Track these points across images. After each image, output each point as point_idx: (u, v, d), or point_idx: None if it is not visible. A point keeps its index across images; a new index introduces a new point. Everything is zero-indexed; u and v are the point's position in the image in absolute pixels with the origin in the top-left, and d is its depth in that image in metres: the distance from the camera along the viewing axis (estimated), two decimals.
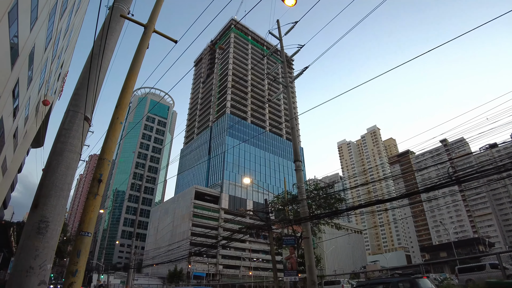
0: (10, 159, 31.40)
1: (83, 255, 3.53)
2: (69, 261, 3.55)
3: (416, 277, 10.62)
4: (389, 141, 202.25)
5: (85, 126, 4.79)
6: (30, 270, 3.90)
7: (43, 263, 3.99)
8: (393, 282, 10.59)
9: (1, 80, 17.91)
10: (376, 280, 12.70)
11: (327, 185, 25.59)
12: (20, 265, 3.92)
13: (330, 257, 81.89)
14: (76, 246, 3.53)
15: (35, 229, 4.09)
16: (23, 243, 4.08)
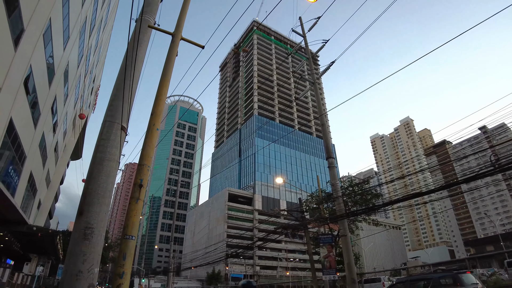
0: (53, 171, 33.30)
1: (128, 257, 3.71)
2: (116, 264, 3.75)
3: (459, 272, 10.08)
4: (424, 132, 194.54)
5: (122, 135, 5.00)
6: (79, 274, 4.11)
7: (91, 267, 4.21)
8: (434, 278, 10.09)
9: (41, 99, 19.07)
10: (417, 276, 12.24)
11: (362, 181, 25.03)
12: (70, 269, 4.14)
13: (368, 255, 79.99)
14: (121, 250, 3.71)
15: (82, 235, 4.31)
16: (71, 248, 4.29)
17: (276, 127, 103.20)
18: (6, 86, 12.99)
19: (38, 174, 24.54)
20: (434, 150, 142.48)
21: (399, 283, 11.73)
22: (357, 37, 12.75)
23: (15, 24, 12.38)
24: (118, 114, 5.02)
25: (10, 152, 16.27)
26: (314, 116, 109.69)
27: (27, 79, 15.28)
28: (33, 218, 26.33)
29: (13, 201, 17.48)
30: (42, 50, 16.67)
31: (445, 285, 9.52)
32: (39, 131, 20.61)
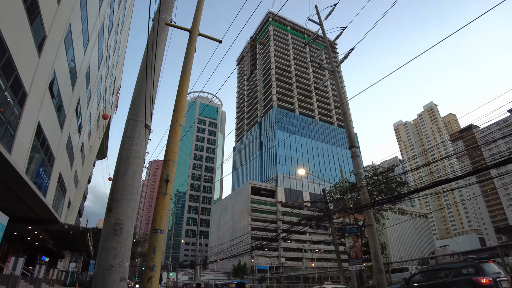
0: (80, 171, 34.46)
1: (158, 251, 3.89)
2: (146, 257, 3.93)
3: (480, 261, 9.84)
4: (449, 117, 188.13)
5: (146, 133, 5.12)
6: (111, 268, 4.25)
7: (122, 262, 4.35)
8: (455, 267, 9.98)
9: (66, 102, 19.66)
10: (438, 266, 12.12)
11: (386, 170, 24.54)
12: (102, 264, 4.29)
13: (395, 244, 78.71)
14: (151, 243, 3.86)
15: (112, 231, 4.44)
16: (102, 244, 4.45)
17: (296, 119, 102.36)
18: (32, 92, 13.45)
19: (67, 175, 25.43)
20: (460, 135, 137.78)
21: (421, 273, 11.61)
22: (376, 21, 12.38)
23: (37, 31, 12.76)
24: (141, 112, 5.14)
25: (40, 154, 16.90)
26: (335, 105, 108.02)
27: (51, 83, 15.77)
28: (64, 217, 27.38)
29: (45, 201, 18.19)
30: (64, 55, 17.16)
31: (466, 275, 9.36)
32: (65, 133, 21.31)
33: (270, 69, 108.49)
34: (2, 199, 16.66)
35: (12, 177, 13.47)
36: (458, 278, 9.47)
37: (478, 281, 8.70)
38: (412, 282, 11.37)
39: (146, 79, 5.02)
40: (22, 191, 15.74)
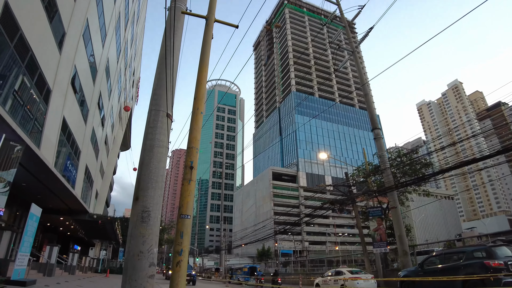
0: (106, 163, 35.45)
1: (185, 235, 4.06)
2: (174, 242, 4.10)
3: (493, 245, 10.03)
4: (475, 95, 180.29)
5: (168, 122, 5.24)
6: (140, 254, 4.41)
7: (150, 248, 4.50)
8: (468, 251, 10.21)
9: (88, 96, 20.10)
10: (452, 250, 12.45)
11: (410, 151, 23.95)
12: (132, 250, 4.45)
13: (420, 226, 77.34)
14: (178, 229, 3.99)
15: (140, 219, 4.59)
16: (131, 231, 4.61)
17: (316, 102, 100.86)
18: (56, 88, 13.80)
19: (93, 167, 26.23)
20: (488, 114, 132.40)
21: (434, 256, 11.79)
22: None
23: (57, 28, 12.99)
24: (162, 102, 5.21)
25: (66, 148, 17.44)
26: (356, 87, 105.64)
27: (73, 79, 16.14)
28: (92, 207, 28.38)
29: (74, 193, 18.86)
30: (84, 50, 17.48)
31: (478, 258, 9.58)
32: (89, 127, 21.88)
33: (288, 53, 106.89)
34: (35, 193, 17.39)
35: (42, 171, 13.99)
36: (470, 261, 9.71)
37: (489, 264, 8.93)
38: (426, 265, 11.55)
39: (166, 69, 5.05)
40: (52, 184, 16.36)
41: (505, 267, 8.77)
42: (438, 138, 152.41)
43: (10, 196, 8.71)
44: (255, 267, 31.32)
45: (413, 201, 28.84)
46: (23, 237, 10.27)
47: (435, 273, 10.49)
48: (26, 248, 10.40)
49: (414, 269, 12.41)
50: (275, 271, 28.53)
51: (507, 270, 8.69)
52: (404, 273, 12.69)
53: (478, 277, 8.87)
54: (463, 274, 9.49)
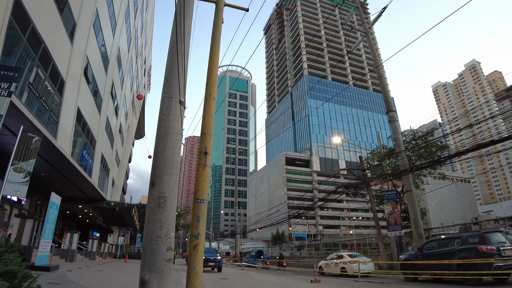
0: (121, 151, 36.01)
1: (202, 219, 4.16)
2: (191, 227, 4.22)
3: (487, 232, 11.01)
4: (493, 75, 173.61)
5: (181, 109, 5.30)
6: (158, 239, 4.51)
7: (168, 232, 4.59)
8: (463, 237, 11.07)
9: (101, 86, 20.27)
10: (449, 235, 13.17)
11: (426, 133, 23.49)
12: (150, 235, 4.56)
13: (435, 210, 76.32)
14: (194, 213, 4.06)
15: (156, 204, 4.67)
16: (148, 217, 4.69)
17: (329, 85, 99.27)
18: (69, 79, 13.95)
19: (108, 155, 26.68)
20: (507, 94, 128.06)
21: (432, 241, 12.59)
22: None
23: (67, 20, 13.03)
24: (175, 89, 5.23)
25: (82, 138, 17.74)
26: (369, 69, 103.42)
27: (85, 69, 16.28)
28: (109, 195, 29.02)
29: (91, 181, 19.28)
30: (95, 40, 17.55)
31: (472, 243, 10.27)
32: (103, 116, 22.15)
33: (299, 36, 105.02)
34: (54, 182, 17.85)
35: (60, 161, 14.31)
36: (465, 246, 10.42)
37: (482, 249, 9.62)
38: (425, 249, 12.18)
39: (177, 55, 5.02)
40: (70, 173, 16.75)
41: (497, 252, 9.43)
42: (454, 120, 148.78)
43: (31, 186, 8.95)
44: (262, 251, 33.39)
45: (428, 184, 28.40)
46: (44, 225, 10.57)
47: (433, 257, 11.16)
48: (48, 235, 10.72)
49: (414, 253, 13.00)
50: (280, 254, 31.29)
51: (499, 255, 9.36)
52: (404, 256, 13.43)
53: (471, 261, 9.56)
54: (458, 258, 10.23)
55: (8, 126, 9.78)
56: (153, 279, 4.40)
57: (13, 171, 8.16)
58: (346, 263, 16.89)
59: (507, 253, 9.49)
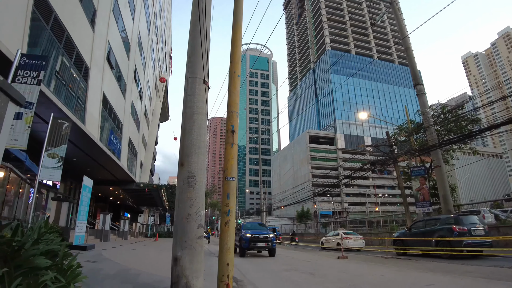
0: (147, 134, 36.78)
1: (232, 196, 4.23)
2: (222, 204, 4.29)
3: (461, 214, 13.16)
4: None
5: (205, 89, 5.33)
6: (188, 217, 4.69)
7: (198, 210, 4.77)
8: (442, 218, 13.01)
9: (124, 70, 20.52)
10: (430, 217, 14.97)
11: (455, 107, 22.49)
12: (180, 213, 4.75)
13: (464, 186, 74.22)
14: (224, 190, 4.18)
15: (186, 183, 4.83)
16: (179, 196, 4.89)
17: (353, 60, 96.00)
18: (93, 65, 14.19)
19: (135, 138, 27.33)
20: None
21: (418, 222, 14.63)
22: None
23: (87, 6, 13.14)
24: (198, 69, 5.26)
25: (109, 123, 18.19)
26: (395, 41, 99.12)
27: (108, 55, 16.49)
28: (138, 177, 29.91)
29: (120, 164, 19.90)
30: (115, 25, 17.67)
31: (448, 224, 12.06)
32: (128, 100, 22.56)
33: (320, 9, 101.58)
34: (85, 166, 18.56)
35: (89, 145, 14.81)
36: (442, 226, 12.30)
37: (455, 229, 11.59)
38: (413, 228, 14.26)
39: (200, 35, 4.98)
40: (99, 157, 17.33)
41: (468, 232, 11.35)
42: (486, 92, 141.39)
43: (64, 170, 9.33)
44: (275, 228, 35.83)
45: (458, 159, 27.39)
46: (79, 207, 11.06)
47: (418, 235, 13.20)
48: (82, 216, 11.22)
49: (404, 231, 15.16)
50: (293, 231, 35.17)
51: (469, 234, 11.28)
52: (397, 234, 15.78)
53: (445, 239, 11.58)
54: (436, 236, 12.16)
55: (40, 114, 10.15)
56: (185, 255, 4.59)
57: (47, 156, 8.50)
58: (341, 239, 19.06)
59: (477, 232, 11.39)
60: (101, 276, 5.94)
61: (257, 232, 13.98)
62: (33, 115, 6.68)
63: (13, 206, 10.05)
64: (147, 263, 8.99)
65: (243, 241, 13.51)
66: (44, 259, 3.10)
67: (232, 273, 3.82)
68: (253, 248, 13.95)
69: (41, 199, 14.30)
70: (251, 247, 13.67)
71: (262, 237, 13.66)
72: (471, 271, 7.97)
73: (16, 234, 3.09)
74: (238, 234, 14.05)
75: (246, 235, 13.56)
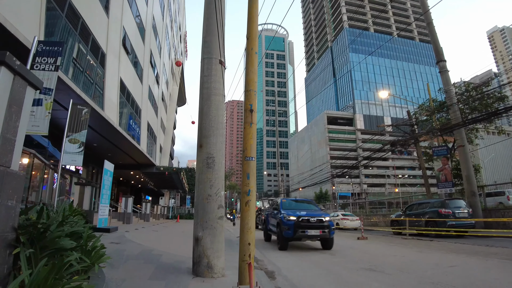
0: (165, 119, 37.14)
1: (252, 176, 4.14)
2: (242, 184, 4.20)
3: (447, 199, 14.68)
4: None
5: (222, 69, 5.28)
6: (209, 197, 4.80)
7: (218, 191, 4.88)
8: (431, 202, 14.71)
9: (140, 55, 20.56)
10: (422, 201, 16.96)
11: (481, 84, 21.53)
12: (201, 194, 4.85)
13: (488, 167, 71.63)
14: (244, 170, 4.19)
15: (205, 165, 4.92)
16: (199, 177, 4.97)
17: (371, 37, 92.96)
18: (109, 51, 14.25)
19: (154, 123, 27.64)
20: None
21: (412, 205, 16.44)
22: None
23: None
24: (214, 49, 5.21)
25: (127, 108, 18.41)
26: (415, 17, 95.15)
27: (124, 40, 16.52)
28: (158, 160, 30.41)
29: (140, 148, 20.21)
30: (129, 10, 17.62)
31: (436, 207, 13.70)
32: (145, 85, 22.71)
33: None
34: (106, 151, 18.95)
35: (109, 130, 15.05)
36: (431, 209, 13.96)
37: (441, 212, 13.21)
38: (407, 210, 16.00)
39: (216, 13, 4.89)
40: (119, 142, 17.63)
41: (452, 214, 12.95)
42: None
43: (85, 156, 9.53)
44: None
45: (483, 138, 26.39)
46: (101, 191, 11.35)
47: (411, 216, 14.84)
48: (105, 200, 11.53)
49: (399, 213, 16.77)
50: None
51: (453, 216, 12.87)
52: (394, 216, 17.18)
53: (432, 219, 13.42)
54: (426, 217, 13.90)
55: (59, 101, 10.34)
56: (206, 235, 4.70)
57: (68, 142, 8.69)
58: (340, 220, 21.23)
59: (460, 215, 12.96)
60: (124, 257, 6.10)
61: (306, 214, 9.40)
62: (53, 101, 6.78)
63: (39, 191, 10.42)
64: (169, 244, 9.19)
65: (284, 227, 9.07)
66: (68, 240, 3.18)
67: (254, 252, 3.83)
68: (301, 238, 9.22)
69: (65, 184, 14.77)
70: (298, 236, 9.01)
71: (315, 221, 9.06)
72: (495, 253, 7.94)
73: (41, 216, 3.17)
74: (274, 216, 10.56)
75: (289, 219, 9.12)
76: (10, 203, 2.55)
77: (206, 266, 4.63)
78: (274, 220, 10.35)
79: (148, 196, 41.72)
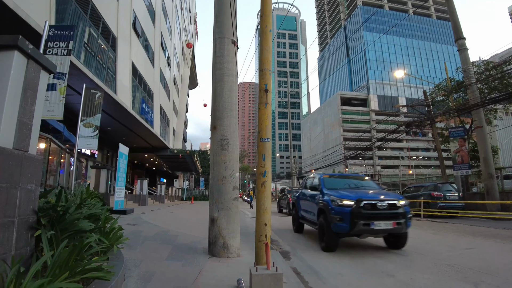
0: (178, 102, 37.22)
1: (267, 157, 4.11)
2: (257, 165, 4.16)
3: (440, 182, 16.79)
4: None
5: (234, 49, 5.21)
6: (223, 179, 4.86)
7: (232, 172, 4.92)
8: (425, 185, 16.68)
9: (150, 38, 20.45)
10: (418, 184, 18.87)
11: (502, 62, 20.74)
12: (216, 176, 4.91)
13: (506, 149, 69.74)
14: (260, 152, 4.14)
15: (219, 146, 4.94)
16: (213, 159, 5.01)
17: (386, 15, 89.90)
18: (120, 35, 14.20)
19: (166, 106, 27.75)
20: None
21: (409, 187, 18.25)
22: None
23: None
24: (226, 29, 5.13)
25: (140, 92, 18.48)
26: None
27: (134, 23, 16.42)
28: (172, 143, 30.69)
29: (153, 131, 20.40)
30: None
31: (429, 190, 15.42)
32: (157, 68, 22.68)
33: None
34: (120, 135, 19.19)
35: (122, 114, 15.18)
36: (425, 192, 15.54)
37: (433, 194, 14.83)
38: (405, 192, 17.71)
39: None
40: (133, 125, 17.81)
41: (443, 197, 14.51)
42: None
43: (100, 140, 9.66)
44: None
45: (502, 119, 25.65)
46: (117, 174, 11.54)
47: (408, 197, 14.96)
48: (121, 183, 11.73)
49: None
50: None
51: (444, 198, 14.42)
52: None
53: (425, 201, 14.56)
54: (421, 198, 14.74)
55: (73, 86, 10.43)
56: (222, 216, 4.78)
57: (83, 126, 8.79)
58: None
59: (450, 197, 14.48)
60: (141, 238, 6.24)
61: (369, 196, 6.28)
62: (66, 86, 6.83)
63: (56, 175, 10.67)
64: (185, 225, 9.36)
65: (333, 216, 5.92)
66: (87, 222, 3.25)
67: (270, 233, 3.85)
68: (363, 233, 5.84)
69: (81, 167, 15.07)
70: (358, 231, 5.75)
71: (385, 207, 5.86)
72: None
73: (60, 199, 3.24)
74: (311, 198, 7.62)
75: (341, 203, 5.97)
76: (30, 187, 2.59)
77: (222, 246, 4.72)
78: (312, 204, 7.38)
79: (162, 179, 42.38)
